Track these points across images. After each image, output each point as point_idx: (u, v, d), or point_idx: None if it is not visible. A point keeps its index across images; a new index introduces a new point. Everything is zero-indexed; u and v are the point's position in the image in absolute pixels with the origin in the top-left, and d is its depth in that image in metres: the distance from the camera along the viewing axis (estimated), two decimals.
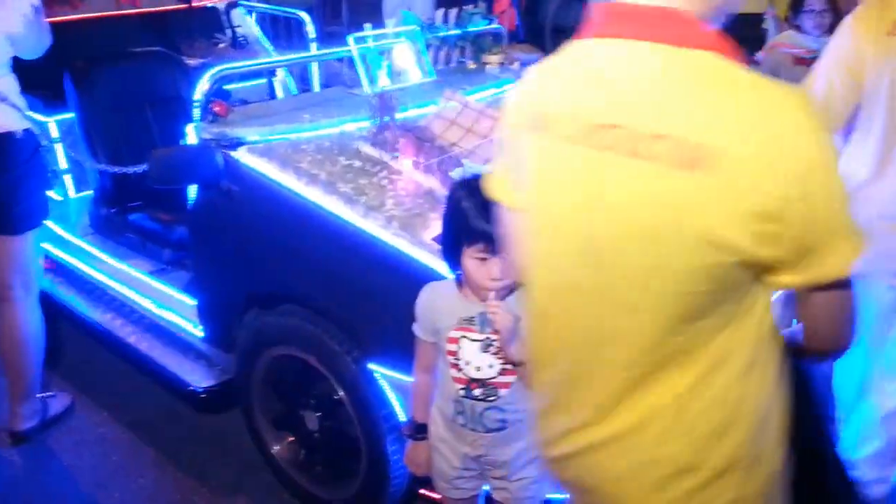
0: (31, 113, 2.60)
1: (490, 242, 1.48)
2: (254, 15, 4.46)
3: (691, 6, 0.98)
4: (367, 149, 2.27)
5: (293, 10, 4.29)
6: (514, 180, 1.15)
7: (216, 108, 2.38)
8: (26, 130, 2.52)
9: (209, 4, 4.34)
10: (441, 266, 1.83)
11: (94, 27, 3.88)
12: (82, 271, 3.13)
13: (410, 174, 2.17)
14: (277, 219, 2.17)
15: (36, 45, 2.50)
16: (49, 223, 3.31)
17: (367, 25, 2.82)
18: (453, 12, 3.06)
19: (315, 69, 4.22)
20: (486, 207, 1.45)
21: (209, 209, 2.32)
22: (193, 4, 4.18)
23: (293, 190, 2.13)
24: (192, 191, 2.37)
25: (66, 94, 3.16)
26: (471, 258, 1.54)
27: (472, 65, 3.10)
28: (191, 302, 2.62)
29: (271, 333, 2.21)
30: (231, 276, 2.34)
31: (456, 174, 2.03)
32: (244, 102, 2.66)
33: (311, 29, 4.18)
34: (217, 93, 2.48)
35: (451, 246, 1.59)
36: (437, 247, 1.90)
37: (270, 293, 2.22)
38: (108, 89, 3.18)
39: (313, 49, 4.21)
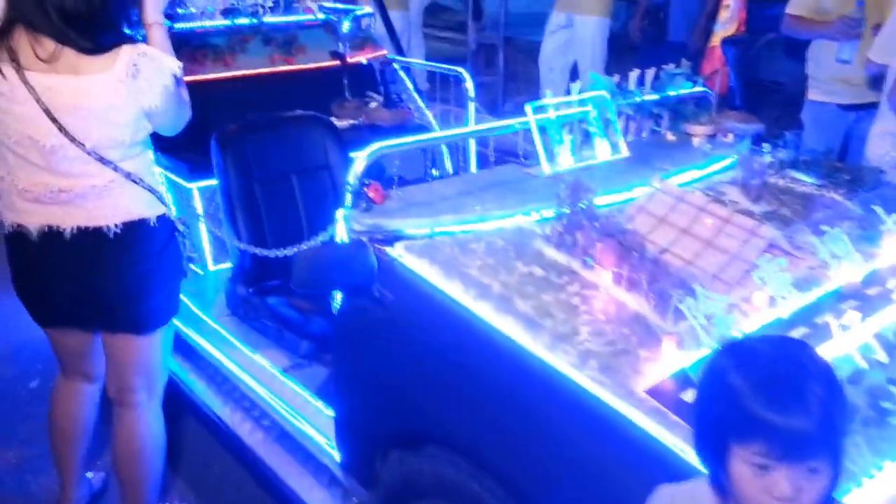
0: (168, 194, 2.31)
1: (777, 442, 1.01)
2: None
3: None
4: (552, 252, 1.84)
5: (451, 67, 4.00)
6: None
7: (371, 193, 2.03)
8: (161, 217, 2.20)
9: (364, 60, 4.13)
10: (664, 434, 1.37)
11: (246, 85, 3.73)
12: (213, 357, 2.88)
13: (611, 291, 1.72)
14: (437, 339, 1.77)
15: (175, 120, 2.20)
16: (184, 298, 3.11)
17: (548, 92, 2.42)
18: (650, 73, 2.61)
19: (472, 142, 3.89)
20: (771, 386, 0.99)
21: (357, 317, 1.96)
22: (348, 61, 3.97)
23: (458, 303, 1.73)
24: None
25: (213, 160, 2.96)
26: (743, 462, 1.06)
27: (670, 136, 2.63)
28: (328, 412, 2.28)
29: (420, 483, 1.80)
30: (375, 403, 1.97)
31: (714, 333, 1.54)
32: (403, 182, 2.31)
33: (470, 86, 3.86)
34: (372, 168, 2.15)
35: (711, 437, 1.12)
36: (654, 403, 1.44)
37: (420, 431, 1.82)
38: (255, 157, 2.96)
39: (472, 110, 3.89)
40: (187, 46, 3.57)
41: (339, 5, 4.57)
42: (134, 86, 2.00)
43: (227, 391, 2.80)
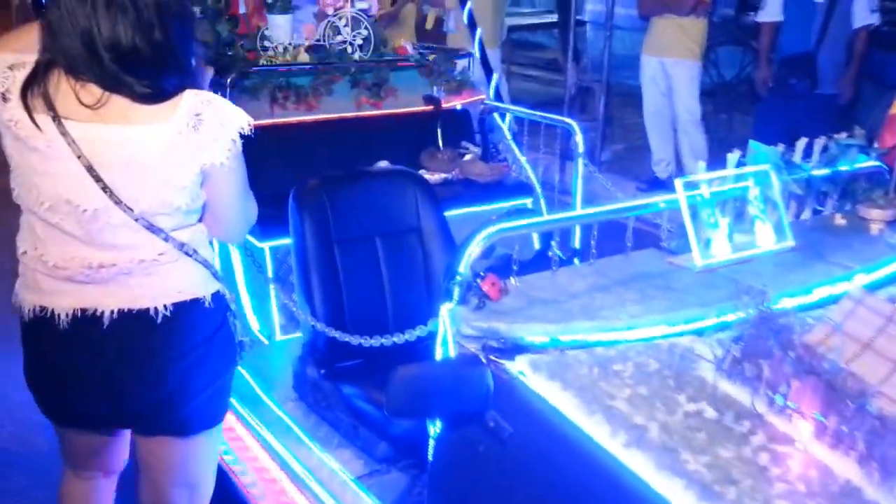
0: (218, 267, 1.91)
1: None
2: (507, 119, 3.88)
3: None
4: (725, 384, 1.44)
5: (559, 118, 3.64)
6: None
7: (486, 287, 1.66)
8: (215, 294, 1.83)
9: (459, 106, 3.81)
10: None
11: (330, 130, 3.45)
12: (272, 448, 2.53)
13: (812, 448, 1.31)
14: (572, 492, 1.38)
15: (241, 207, 1.85)
16: (244, 373, 2.80)
17: (701, 164, 2.03)
18: (819, 143, 2.20)
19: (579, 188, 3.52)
20: None
21: (463, 450, 1.58)
22: (443, 106, 3.66)
23: (603, 449, 1.34)
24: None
25: (289, 219, 2.66)
26: None
27: (840, 219, 2.20)
28: None
29: None
30: None
31: None
32: (505, 265, 1.93)
33: (580, 140, 3.49)
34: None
35: None
36: None
37: None
38: (336, 217, 2.63)
39: (580, 166, 3.52)
40: (269, 86, 3.32)
41: (435, 45, 4.31)
42: (195, 139, 1.64)
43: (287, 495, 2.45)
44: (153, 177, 1.65)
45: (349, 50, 3.58)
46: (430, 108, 3.65)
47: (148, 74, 1.60)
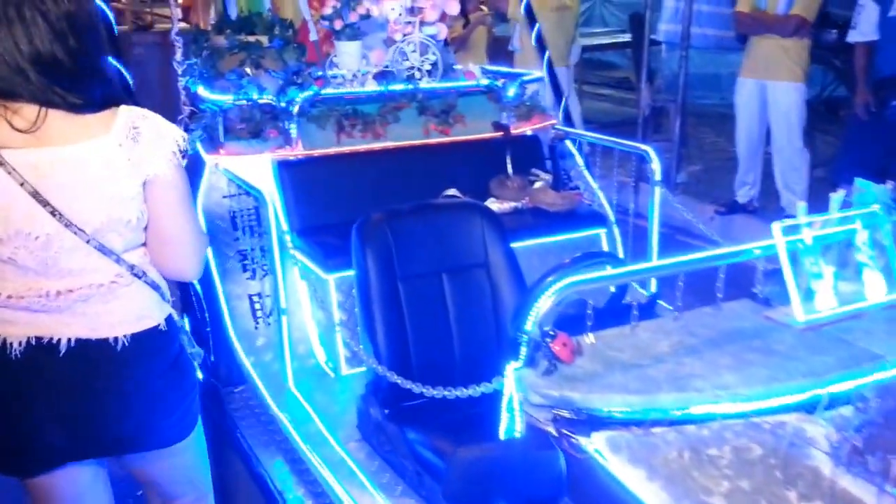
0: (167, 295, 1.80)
1: None
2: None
3: None
4: (845, 479, 1.19)
5: (635, 144, 3.39)
6: None
7: (557, 348, 1.45)
8: (168, 318, 1.75)
9: (530, 131, 3.60)
10: None
11: (397, 158, 3.29)
12: (334, 493, 2.36)
13: None
14: None
15: (186, 227, 1.71)
16: (308, 408, 2.65)
17: (801, 204, 1.77)
18: None
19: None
20: None
21: None
22: (512, 132, 3.46)
23: None
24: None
25: (352, 254, 2.49)
26: None
27: None
28: None
29: None
30: None
31: None
32: (583, 311, 1.71)
33: (657, 168, 3.24)
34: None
35: None
36: None
37: None
38: (401, 252, 2.45)
39: (657, 195, 3.26)
40: (335, 114, 3.18)
41: (504, 68, 4.11)
42: (136, 150, 1.59)
43: None
44: (100, 193, 1.59)
45: (417, 75, 3.42)
46: (500, 134, 3.45)
47: (73, 84, 1.56)
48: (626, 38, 8.20)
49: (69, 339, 1.63)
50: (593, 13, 10.83)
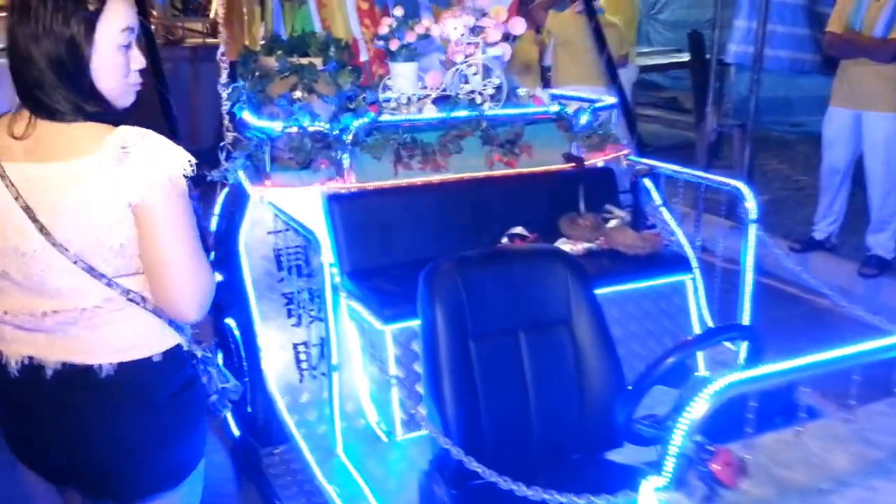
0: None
1: None
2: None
3: None
4: None
5: (726, 180, 2.99)
6: None
7: (717, 468, 1.07)
8: (171, 351, 1.59)
9: (602, 163, 3.22)
10: None
11: (459, 192, 2.92)
12: None
13: None
14: None
15: (183, 273, 1.53)
16: (358, 478, 2.28)
17: None
18: None
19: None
20: None
21: None
22: (586, 163, 3.08)
23: None
24: None
25: (419, 307, 2.12)
26: None
27: None
28: None
29: None
30: None
31: None
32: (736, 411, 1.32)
33: (752, 206, 2.84)
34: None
35: None
36: None
37: None
38: (473, 306, 2.07)
39: (752, 235, 2.85)
40: (392, 143, 2.82)
41: (571, 92, 3.74)
42: (118, 173, 1.46)
43: None
44: (85, 214, 1.49)
45: (478, 100, 3.06)
46: (570, 166, 3.08)
47: (49, 90, 1.47)
48: (678, 57, 7.79)
49: (55, 362, 1.55)
50: (639, 31, 10.41)
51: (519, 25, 3.26)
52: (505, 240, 2.88)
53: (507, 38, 3.19)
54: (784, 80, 5.14)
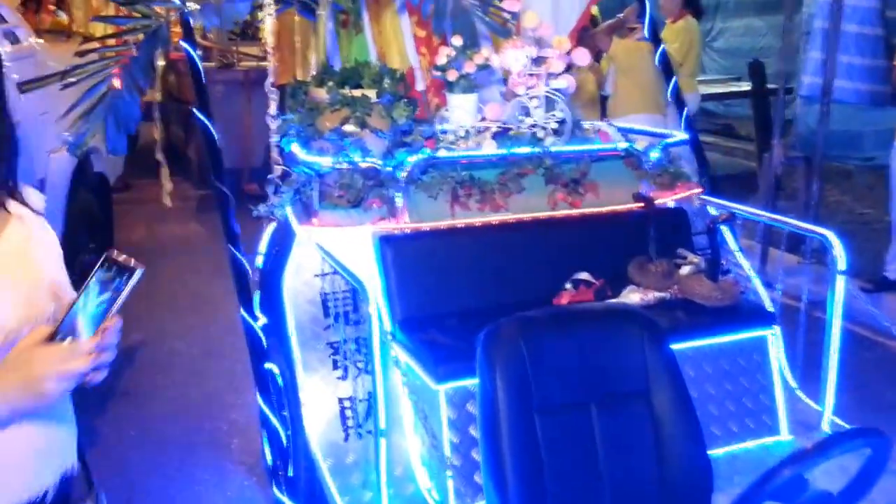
0: None
1: None
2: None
3: None
4: None
5: (813, 228, 2.67)
6: None
7: None
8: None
9: (672, 202, 2.92)
10: None
11: (518, 234, 2.65)
12: None
13: None
14: None
15: None
16: None
17: None
18: None
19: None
20: None
21: None
22: (656, 203, 2.78)
23: None
24: None
25: (477, 372, 1.85)
26: None
27: None
28: None
29: None
30: None
31: None
32: None
33: (840, 254, 2.52)
34: None
35: None
36: None
37: None
38: (539, 376, 1.80)
39: (840, 287, 2.53)
40: (449, 181, 2.57)
41: (636, 125, 3.45)
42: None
43: None
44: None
45: (540, 135, 2.79)
46: (640, 206, 2.79)
47: None
48: (737, 86, 7.43)
49: None
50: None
51: (583, 56, 3.00)
52: (569, 286, 2.60)
53: (569, 68, 2.93)
54: (858, 114, 4.77)
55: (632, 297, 2.55)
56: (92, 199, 4.10)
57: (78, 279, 1.16)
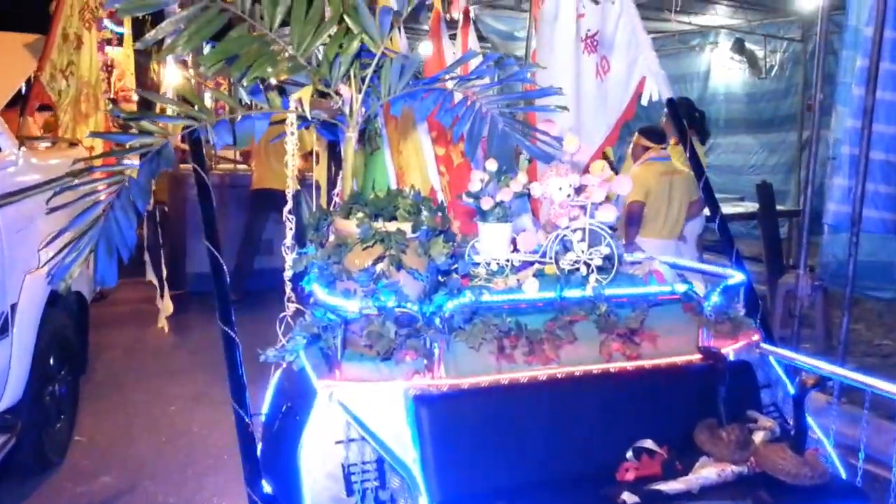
0: None
1: None
2: None
3: None
4: None
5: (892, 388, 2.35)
6: None
7: None
8: None
9: (733, 354, 2.59)
10: None
11: (569, 391, 2.29)
12: None
13: None
14: None
15: None
16: None
17: None
18: None
19: None
20: None
21: None
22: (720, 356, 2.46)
23: None
24: None
25: None
26: None
27: None
28: None
29: None
30: None
31: None
32: None
33: None
34: None
35: None
36: None
37: None
38: None
39: None
40: (494, 329, 2.23)
41: (687, 262, 3.17)
42: None
43: None
44: None
45: (583, 271, 2.49)
46: (702, 358, 2.46)
47: None
48: (742, 206, 7.32)
49: None
50: None
51: (625, 184, 2.74)
52: (630, 454, 2.24)
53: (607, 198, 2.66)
54: (888, 244, 4.60)
55: (706, 471, 2.19)
56: (67, 322, 3.68)
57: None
